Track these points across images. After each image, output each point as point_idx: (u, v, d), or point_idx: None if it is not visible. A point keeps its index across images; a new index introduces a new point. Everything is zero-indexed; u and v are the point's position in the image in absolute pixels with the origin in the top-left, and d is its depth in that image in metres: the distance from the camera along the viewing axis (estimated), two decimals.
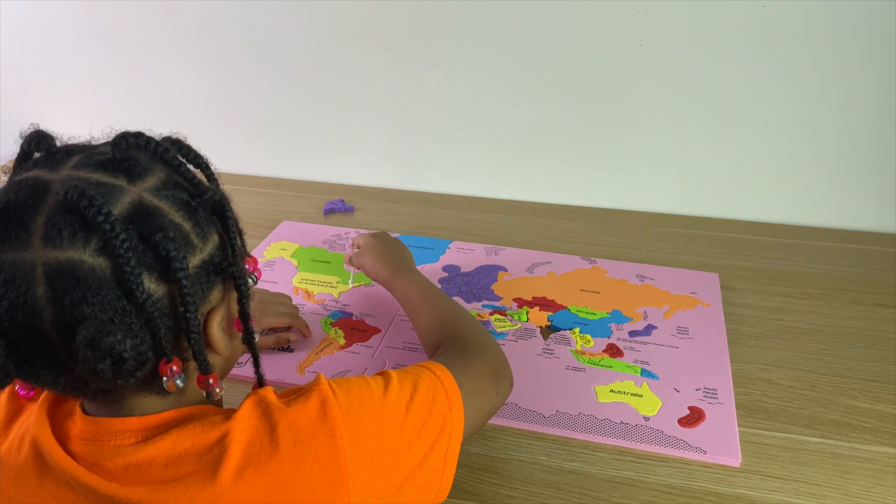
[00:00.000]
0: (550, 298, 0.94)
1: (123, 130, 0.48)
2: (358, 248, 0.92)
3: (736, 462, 0.69)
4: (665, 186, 1.19)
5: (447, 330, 0.72)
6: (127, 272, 0.41)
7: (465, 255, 1.06)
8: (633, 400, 0.77)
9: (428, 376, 0.57)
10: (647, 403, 0.76)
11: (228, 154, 1.34)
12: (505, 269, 1.02)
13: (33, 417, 0.49)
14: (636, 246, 1.09)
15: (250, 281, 0.51)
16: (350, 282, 0.98)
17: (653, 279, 0.99)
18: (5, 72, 1.36)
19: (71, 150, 0.47)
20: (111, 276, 0.41)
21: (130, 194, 0.44)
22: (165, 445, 0.46)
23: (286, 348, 0.84)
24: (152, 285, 0.43)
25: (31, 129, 0.48)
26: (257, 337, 0.52)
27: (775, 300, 0.95)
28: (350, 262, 0.92)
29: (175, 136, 0.51)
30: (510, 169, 1.24)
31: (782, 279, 1.00)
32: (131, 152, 0.46)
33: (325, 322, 0.90)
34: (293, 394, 0.51)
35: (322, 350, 0.84)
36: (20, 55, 1.34)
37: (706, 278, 0.99)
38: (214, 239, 0.48)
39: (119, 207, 0.42)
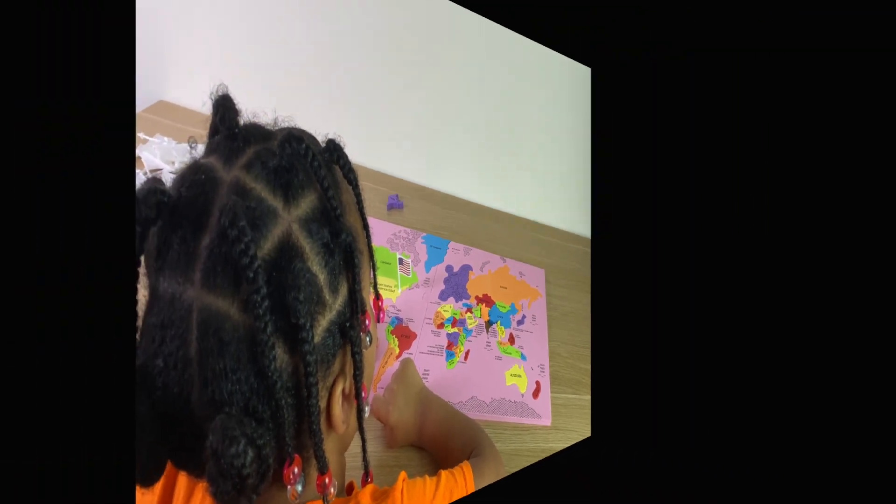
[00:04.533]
0: (489, 295, 1.30)
1: (292, 127, 0.46)
2: (388, 402, 0.88)
3: (548, 421, 1.35)
4: None
5: (474, 447, 0.87)
6: (262, 341, 0.35)
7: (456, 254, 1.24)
8: (518, 381, 1.25)
9: (459, 476, 0.72)
10: (523, 383, 1.30)
11: None
12: (472, 268, 1.28)
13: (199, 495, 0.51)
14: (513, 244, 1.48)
15: (367, 339, 0.44)
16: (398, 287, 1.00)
17: (524, 275, 1.43)
18: None
19: (248, 137, 0.43)
20: (247, 343, 0.36)
21: (282, 224, 0.39)
22: None
23: None
24: (285, 356, 0.37)
25: (220, 94, 0.44)
26: (366, 413, 0.47)
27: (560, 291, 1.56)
28: (377, 414, 0.88)
29: (337, 139, 0.47)
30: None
31: (565, 275, 1.60)
32: (294, 160, 0.42)
33: (388, 331, 1.01)
34: (379, 498, 0.54)
35: (385, 363, 0.98)
36: None
37: (538, 273, 1.45)
38: (344, 291, 0.42)
39: (269, 243, 0.38)
